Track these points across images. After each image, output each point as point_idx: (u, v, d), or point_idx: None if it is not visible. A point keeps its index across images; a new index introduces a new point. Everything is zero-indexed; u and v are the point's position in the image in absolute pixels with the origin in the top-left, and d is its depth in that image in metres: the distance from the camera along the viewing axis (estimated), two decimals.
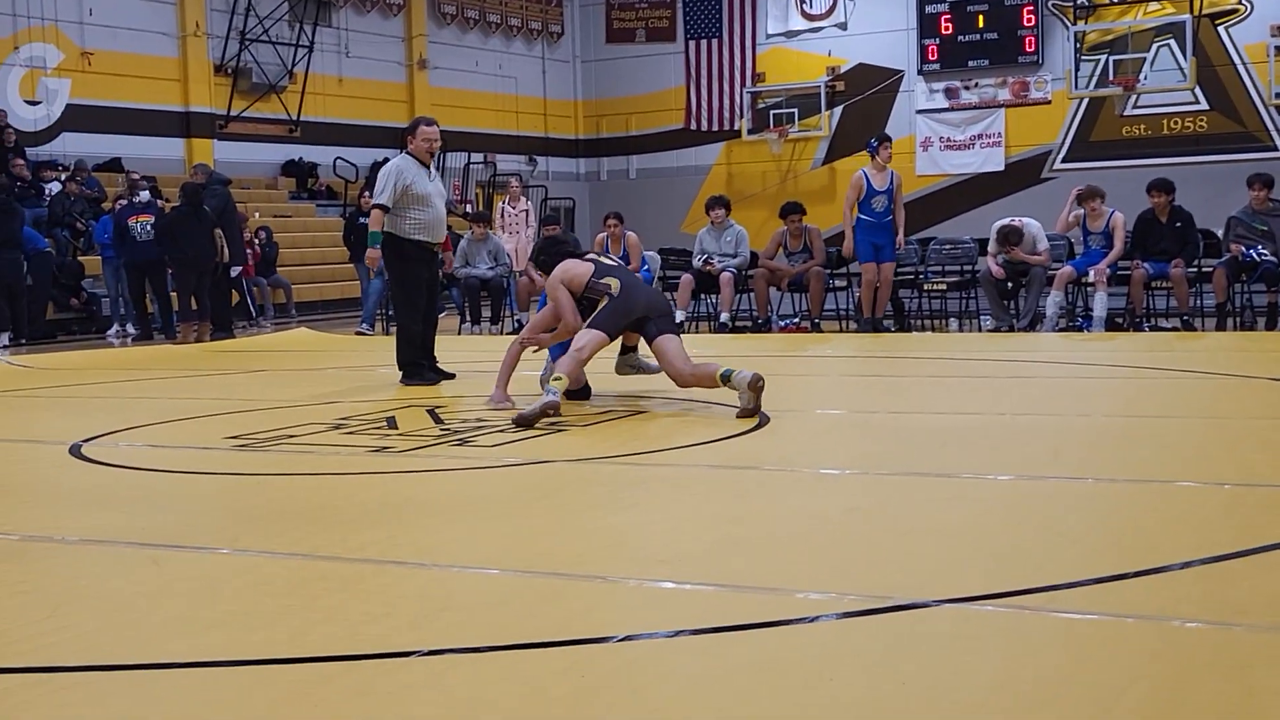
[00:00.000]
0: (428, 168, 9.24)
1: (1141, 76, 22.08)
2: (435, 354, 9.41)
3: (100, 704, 2.90)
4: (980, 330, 13.40)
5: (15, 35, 18.83)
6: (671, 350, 7.21)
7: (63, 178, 18.01)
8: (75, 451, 6.44)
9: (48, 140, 19.20)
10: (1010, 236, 12.86)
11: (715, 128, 26.00)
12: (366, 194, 14.80)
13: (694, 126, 26.17)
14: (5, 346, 14.14)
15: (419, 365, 9.23)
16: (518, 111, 26.24)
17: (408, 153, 9.27)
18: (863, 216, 13.23)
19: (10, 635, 3.38)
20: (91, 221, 17.15)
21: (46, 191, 17.73)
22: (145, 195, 15.20)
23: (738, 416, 6.76)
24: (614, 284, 7.39)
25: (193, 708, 2.86)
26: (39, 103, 19.15)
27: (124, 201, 15.30)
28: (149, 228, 14.49)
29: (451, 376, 9.31)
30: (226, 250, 14.67)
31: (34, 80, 19.09)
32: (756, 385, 6.81)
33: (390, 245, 9.18)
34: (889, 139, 13.67)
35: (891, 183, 13.26)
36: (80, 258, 17.19)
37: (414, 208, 9.10)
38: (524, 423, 6.71)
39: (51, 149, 19.13)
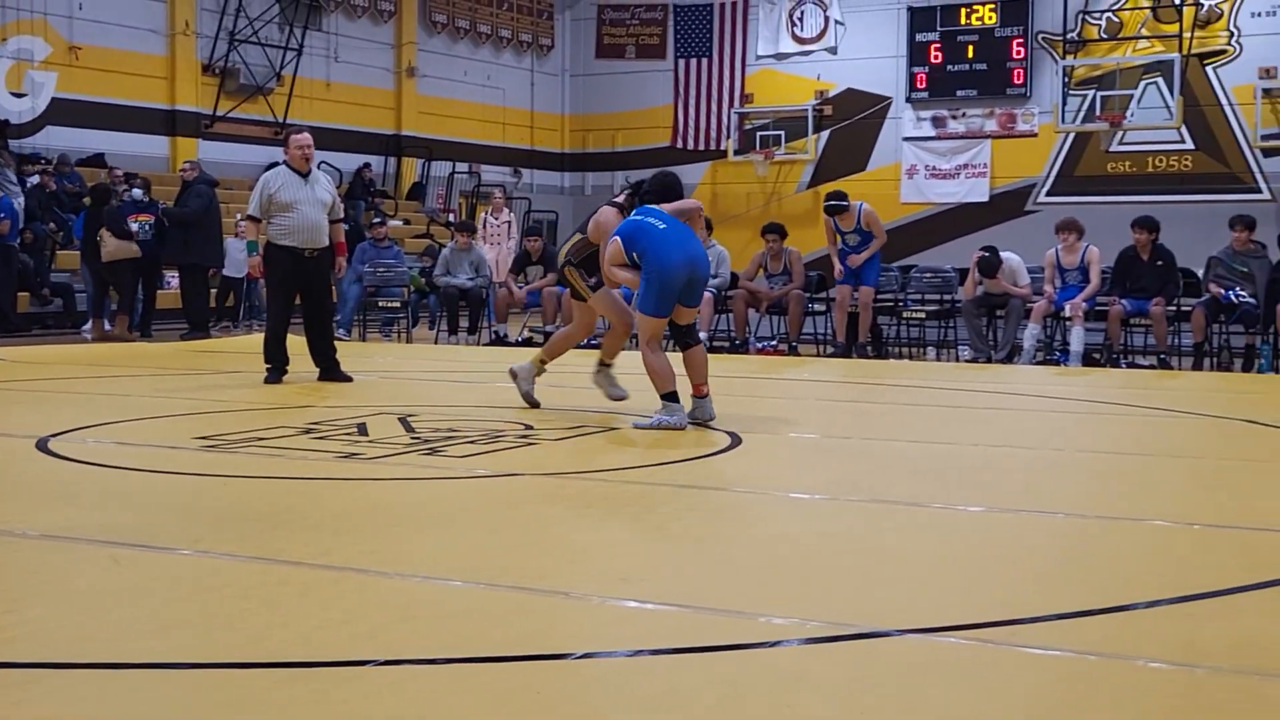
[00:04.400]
0: (304, 175, 9.77)
1: (1128, 113, 22.17)
2: (335, 355, 9.96)
3: (54, 701, 2.86)
4: (958, 360, 13.41)
5: (4, 27, 18.72)
6: None
7: (43, 171, 17.93)
8: (42, 446, 6.39)
9: (32, 133, 19.09)
10: (983, 267, 12.87)
11: (701, 147, 26.02)
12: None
13: (680, 145, 26.18)
14: None
15: (277, 365, 9.78)
16: (504, 123, 26.23)
17: (284, 162, 9.90)
18: (842, 247, 13.42)
19: None
20: (70, 216, 17.06)
21: (28, 185, 17.62)
22: (138, 194, 15.14)
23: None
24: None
25: (146, 708, 2.83)
26: (24, 95, 19.04)
27: (125, 198, 15.22)
28: (149, 227, 14.59)
29: (349, 379, 9.86)
30: (103, 248, 14.55)
31: (20, 72, 18.98)
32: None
33: (265, 250, 9.86)
34: (835, 203, 13.47)
35: (859, 219, 13.29)
36: (59, 252, 17.10)
37: (279, 214, 9.70)
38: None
39: (35, 142, 19.02)
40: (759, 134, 25.29)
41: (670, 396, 7.21)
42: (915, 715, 2.82)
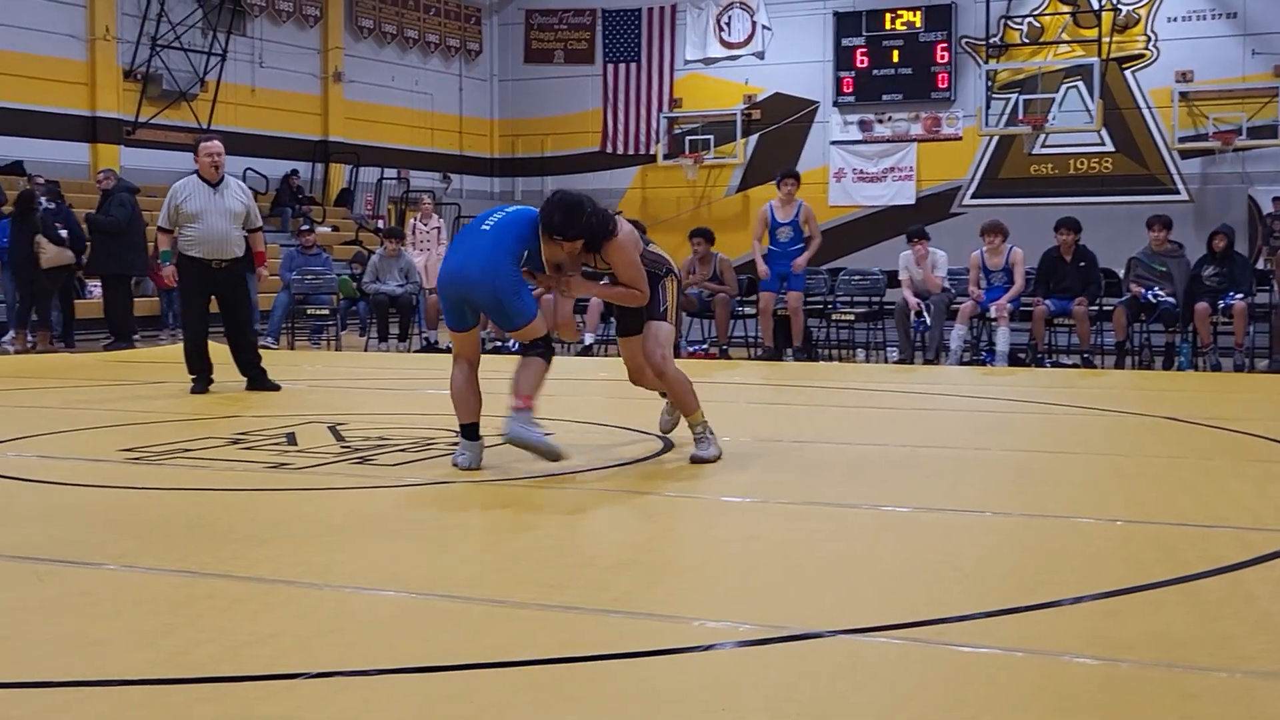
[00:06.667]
0: (214, 184, 9.64)
1: (1050, 116, 22.46)
2: (261, 364, 9.88)
3: None
4: (887, 361, 13.52)
5: None
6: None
7: None
8: None
9: None
10: (913, 232, 13.49)
11: (631, 151, 26.05)
12: None
13: (610, 150, 26.20)
14: None
15: (202, 375, 9.67)
16: (433, 128, 26.10)
17: (196, 172, 9.75)
18: (770, 247, 13.45)
19: None
20: None
21: None
22: (43, 201, 14.93)
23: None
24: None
25: None
26: None
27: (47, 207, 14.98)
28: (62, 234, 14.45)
29: (277, 388, 9.78)
30: (42, 256, 14.36)
31: None
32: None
33: (178, 261, 9.68)
34: (791, 175, 13.73)
35: (798, 214, 13.38)
36: None
37: (187, 225, 9.54)
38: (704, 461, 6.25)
39: None
40: (688, 138, 25.35)
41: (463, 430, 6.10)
42: (848, 715, 2.84)
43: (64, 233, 14.46)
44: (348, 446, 6.79)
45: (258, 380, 9.79)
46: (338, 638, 3.39)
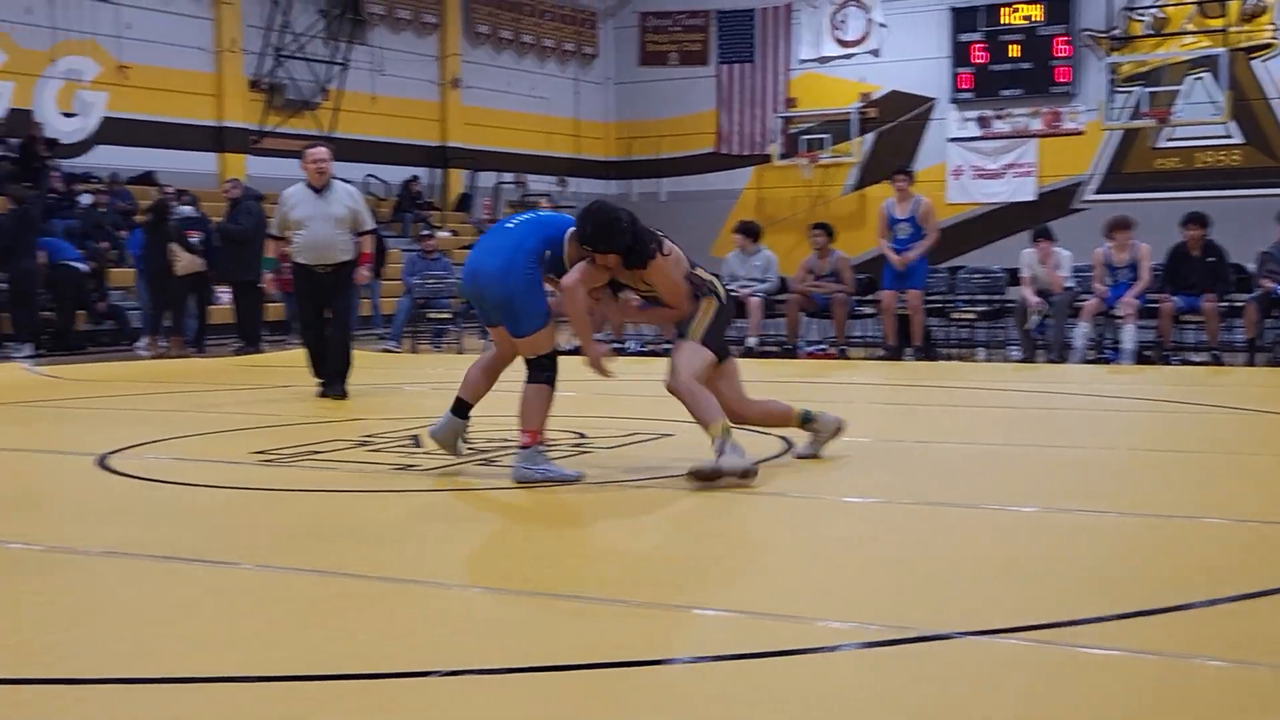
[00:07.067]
0: (318, 190, 9.62)
1: (1175, 109, 21.99)
2: (345, 370, 9.76)
3: (116, 717, 2.91)
4: (1007, 360, 13.34)
5: (53, 48, 18.97)
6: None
7: (96, 190, 18.16)
8: (101, 463, 6.47)
9: (83, 153, 19.33)
10: (1039, 232, 13.37)
11: (746, 152, 26.02)
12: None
13: (725, 150, 26.19)
14: (29, 357, 14.21)
15: (327, 379, 9.73)
16: (549, 132, 26.31)
17: (305, 180, 9.75)
18: (891, 244, 13.40)
19: (29, 646, 3.39)
20: (124, 234, 17.27)
21: (80, 205, 17.85)
22: (188, 210, 15.40)
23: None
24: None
25: None
26: (75, 115, 19.30)
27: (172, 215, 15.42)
28: (199, 243, 14.86)
29: (342, 397, 9.63)
30: (177, 264, 14.69)
31: (70, 93, 19.24)
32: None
33: (292, 268, 9.84)
34: (902, 172, 13.74)
35: (916, 210, 13.32)
36: (113, 270, 17.30)
37: (294, 232, 9.62)
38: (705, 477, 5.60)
39: (86, 161, 19.26)
40: (803, 138, 25.25)
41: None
42: (975, 717, 2.82)
43: (194, 239, 14.86)
44: (472, 448, 6.87)
45: (330, 383, 9.66)
46: (469, 636, 3.45)
